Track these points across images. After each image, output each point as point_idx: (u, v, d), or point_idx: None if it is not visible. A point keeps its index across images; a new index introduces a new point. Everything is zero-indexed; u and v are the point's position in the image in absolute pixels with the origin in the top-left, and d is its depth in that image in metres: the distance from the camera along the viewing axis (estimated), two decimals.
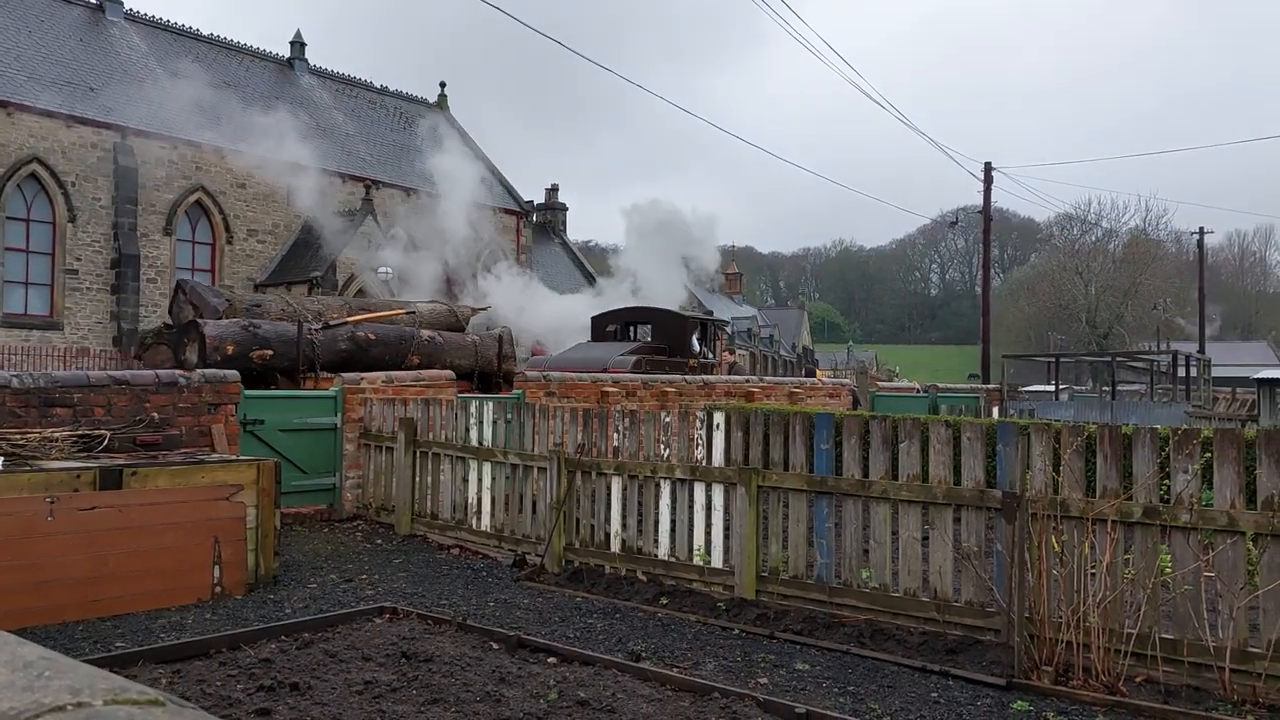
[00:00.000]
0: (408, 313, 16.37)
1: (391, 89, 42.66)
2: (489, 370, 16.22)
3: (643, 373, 17.69)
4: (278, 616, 6.94)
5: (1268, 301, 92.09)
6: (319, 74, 40.00)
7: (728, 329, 31.50)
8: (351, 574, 8.45)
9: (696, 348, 22.99)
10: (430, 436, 10.26)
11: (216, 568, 7.60)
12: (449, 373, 13.53)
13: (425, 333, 15.62)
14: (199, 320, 12.91)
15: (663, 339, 22.82)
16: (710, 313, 39.47)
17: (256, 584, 7.84)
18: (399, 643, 6.01)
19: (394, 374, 12.61)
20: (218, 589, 7.58)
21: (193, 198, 31.11)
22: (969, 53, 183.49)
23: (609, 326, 24.33)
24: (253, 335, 12.83)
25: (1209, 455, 5.68)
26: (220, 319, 13.23)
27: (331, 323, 14.16)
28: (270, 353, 12.86)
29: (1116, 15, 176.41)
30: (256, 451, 10.07)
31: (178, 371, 9.89)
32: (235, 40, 37.38)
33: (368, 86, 41.68)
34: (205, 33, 36.28)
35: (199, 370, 9.96)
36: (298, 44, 39.54)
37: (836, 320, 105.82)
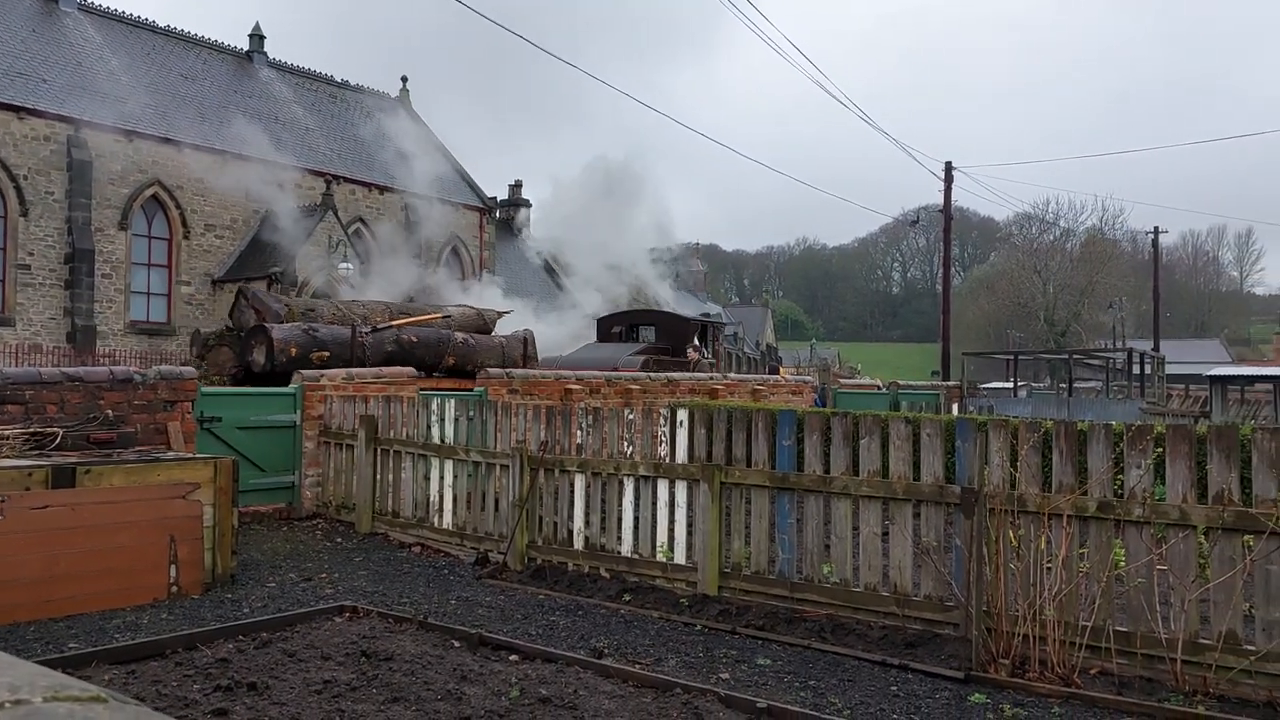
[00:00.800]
0: (444, 317, 17.46)
1: (353, 83, 42.22)
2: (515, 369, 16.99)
3: (650, 371, 18.73)
4: (235, 616, 6.86)
5: (1220, 300, 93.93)
6: (278, 67, 39.50)
7: (726, 330, 32.75)
8: (311, 573, 8.37)
9: (702, 346, 24.58)
10: (392, 434, 10.18)
11: (173, 567, 7.49)
12: (410, 370, 13.45)
13: (459, 335, 16.55)
14: (266, 325, 13.75)
15: (666, 339, 24.03)
16: (707, 314, 39.86)
17: (214, 583, 7.74)
18: (359, 641, 5.96)
19: (355, 370, 12.52)
20: (174, 588, 7.47)
21: (149, 192, 30.60)
22: (925, 55, 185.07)
23: (614, 328, 25.49)
24: (312, 338, 13.81)
25: (1162, 451, 5.78)
26: (281, 323, 14.17)
27: (379, 326, 15.18)
28: (327, 354, 13.76)
29: (1071, 18, 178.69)
30: (214, 449, 9.94)
31: (133, 369, 9.74)
32: (192, 32, 36.81)
33: (328, 80, 41.23)
34: (161, 24, 35.69)
35: (154, 367, 9.82)
36: (256, 36, 39.01)
37: (800, 318, 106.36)
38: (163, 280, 31.50)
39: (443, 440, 9.58)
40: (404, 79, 44.85)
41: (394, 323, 15.74)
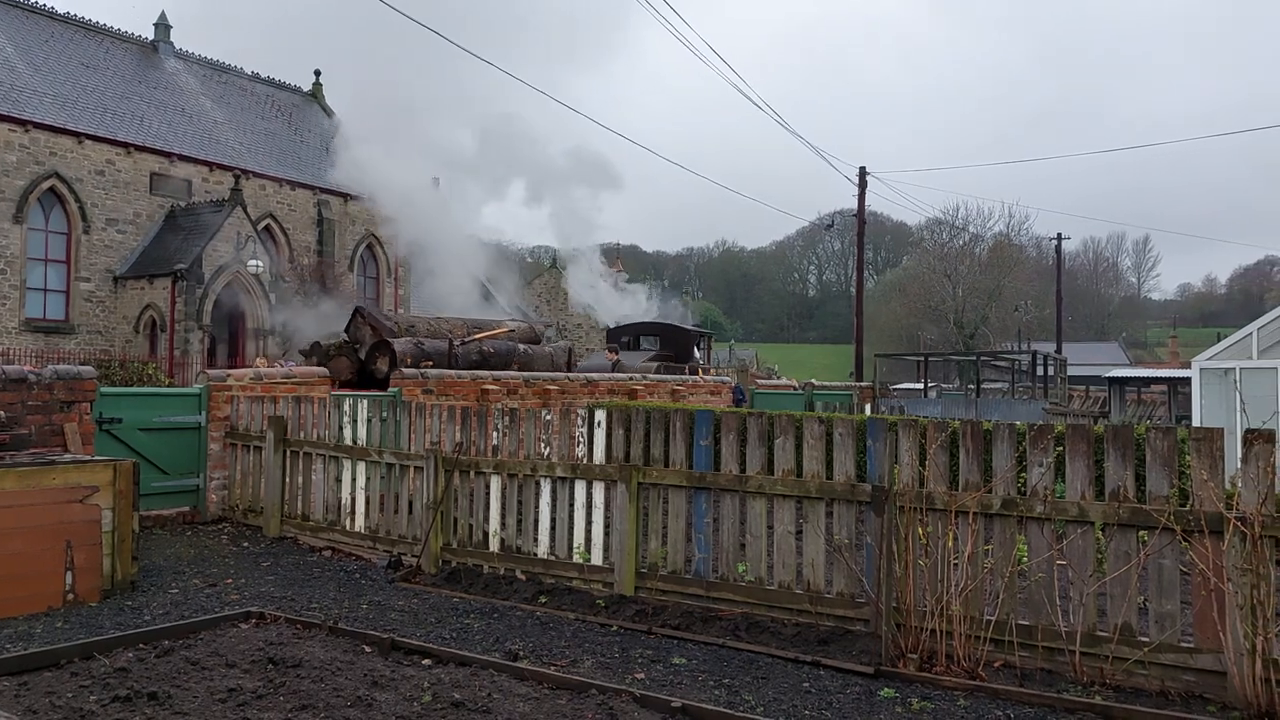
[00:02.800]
0: (509, 331, 20.22)
1: (264, 75, 41.18)
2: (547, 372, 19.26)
3: (661, 374, 21.91)
4: (136, 623, 6.62)
5: (1119, 304, 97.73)
6: (185, 58, 38.32)
7: (712, 337, 36.06)
8: (216, 578, 8.13)
9: (697, 354, 28.25)
10: (302, 435, 9.95)
11: (69, 573, 7.19)
12: (322, 370, 13.19)
13: (521, 346, 19.21)
14: (389, 340, 16.44)
15: (668, 348, 27.47)
16: (700, 325, 41.29)
17: (113, 590, 7.46)
18: (266, 648, 5.81)
19: (263, 370, 12.23)
20: (70, 596, 7.18)
21: (46, 184, 29.38)
22: (831, 65, 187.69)
23: (623, 337, 28.91)
24: (421, 350, 16.51)
25: (1062, 450, 5.98)
26: (395, 337, 16.83)
27: (466, 340, 18.14)
28: (430, 363, 16.09)
29: (964, 36, 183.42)
30: (114, 451, 9.59)
31: (26, 368, 9.33)
32: (94, 20, 35.47)
33: (238, 73, 40.14)
34: (61, 11, 34.31)
35: (50, 366, 9.43)
36: (162, 26, 37.79)
37: (719, 319, 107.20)
38: (61, 277, 30.24)
39: (355, 442, 9.40)
40: (317, 72, 43.98)
41: (477, 336, 18.81)
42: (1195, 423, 15.75)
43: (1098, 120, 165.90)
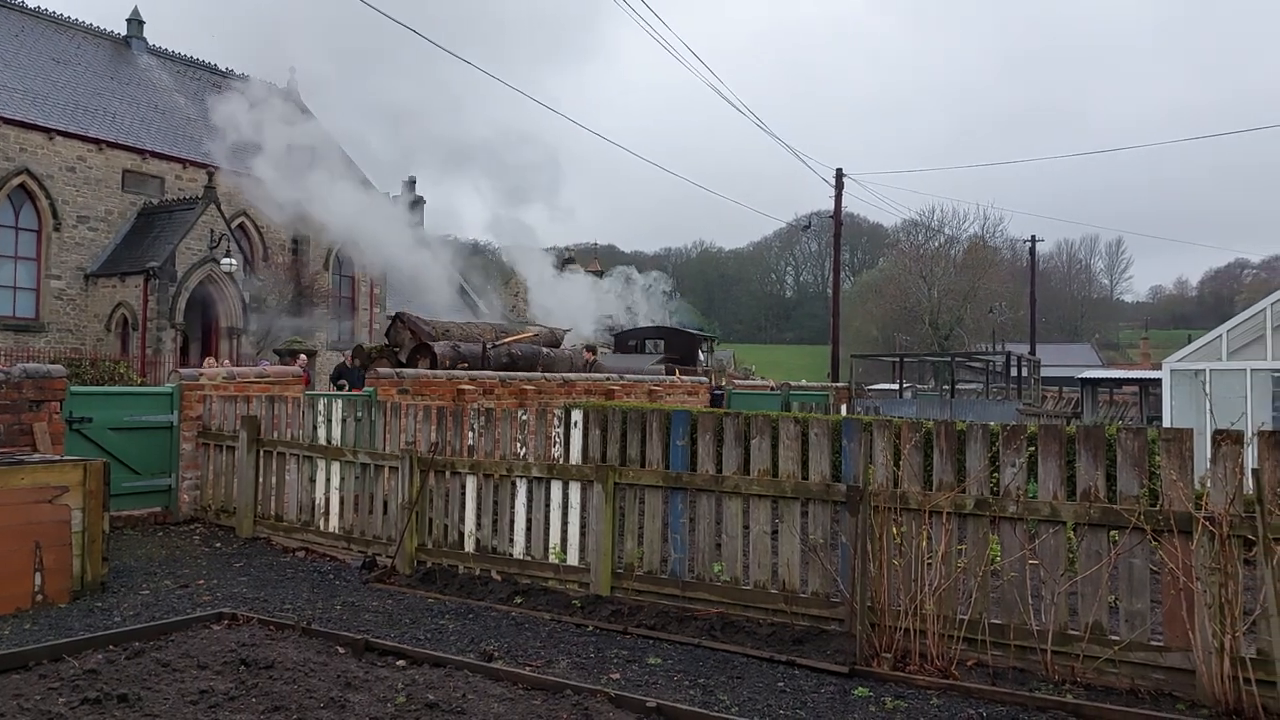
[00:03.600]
0: (534, 335, 21.76)
1: (238, 72, 40.80)
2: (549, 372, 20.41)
3: (669, 375, 23.25)
4: (106, 625, 6.55)
5: (1092, 306, 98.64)
6: (159, 54, 37.95)
7: (714, 340, 37.96)
8: (188, 579, 8.05)
9: (700, 356, 30.49)
10: (275, 435, 9.88)
11: (38, 575, 7.11)
12: (296, 369, 13.10)
13: (545, 349, 20.80)
14: (430, 343, 17.91)
15: (674, 350, 29.51)
16: (701, 329, 42.47)
17: (83, 591, 7.37)
18: (238, 649, 5.76)
19: (236, 370, 12.13)
20: (39, 597, 7.09)
21: (16, 181, 29.01)
22: (799, 68, 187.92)
23: (630, 341, 31.51)
24: (458, 353, 18.04)
25: (1034, 450, 6.03)
26: (434, 340, 18.21)
27: (497, 343, 19.55)
28: (466, 364, 17.38)
29: (929, 45, 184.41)
30: (84, 451, 9.49)
31: None
32: (66, 15, 35.05)
33: (212, 69, 39.79)
34: (31, 5, 33.88)
35: (19, 365, 9.31)
36: (135, 21, 37.40)
37: (697, 320, 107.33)
38: (31, 274, 29.88)
39: (329, 441, 9.34)
40: (292, 69, 43.60)
41: (506, 340, 20.19)
42: (1166, 423, 15.93)
43: (1071, 123, 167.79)
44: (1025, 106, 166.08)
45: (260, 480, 10.02)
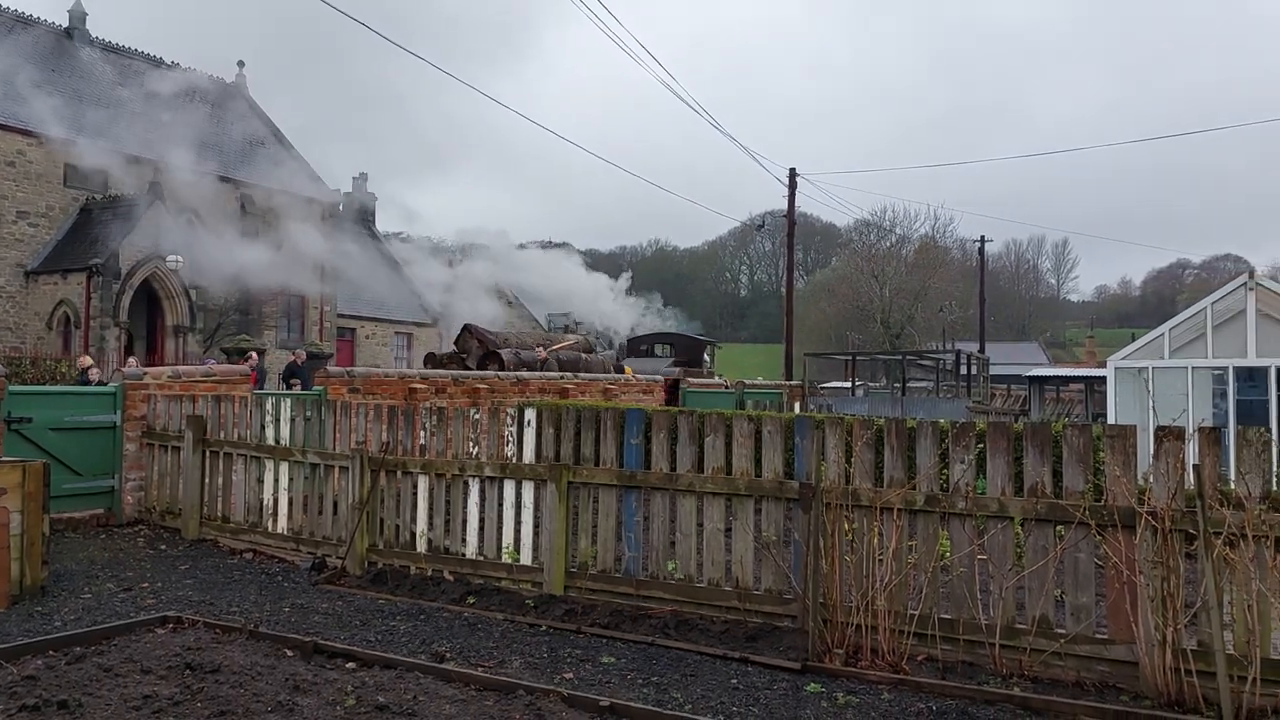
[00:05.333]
0: (574, 344, 24.22)
1: (185, 66, 40.01)
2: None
3: (678, 377, 25.44)
4: (45, 630, 6.38)
5: (1040, 305, 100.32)
6: (102, 46, 37.08)
7: (714, 346, 39.31)
8: (131, 582, 7.88)
9: (706, 359, 32.67)
10: (222, 435, 9.71)
11: None
12: (243, 368, 12.88)
13: (583, 355, 23.53)
14: (497, 350, 20.65)
15: (681, 354, 31.79)
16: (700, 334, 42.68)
17: (22, 595, 7.18)
18: (183, 653, 5.64)
19: (181, 369, 11.90)
20: None
21: None
22: (740, 71, 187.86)
23: (641, 345, 33.60)
24: (519, 359, 20.75)
25: (983, 447, 6.10)
26: (499, 348, 20.87)
27: (549, 350, 22.35)
28: (527, 368, 19.97)
29: (867, 49, 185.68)
30: (23, 452, 9.25)
31: None
32: (4, 4, 34.13)
33: (158, 62, 38.95)
34: None
35: None
36: (77, 13, 36.49)
37: (653, 318, 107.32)
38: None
39: (278, 441, 9.19)
40: (240, 63, 42.91)
41: (556, 347, 23.12)
42: (1110, 420, 16.25)
43: (1011, 122, 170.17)
44: (959, 107, 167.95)
45: (206, 481, 9.84)
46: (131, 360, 24.01)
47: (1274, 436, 5.63)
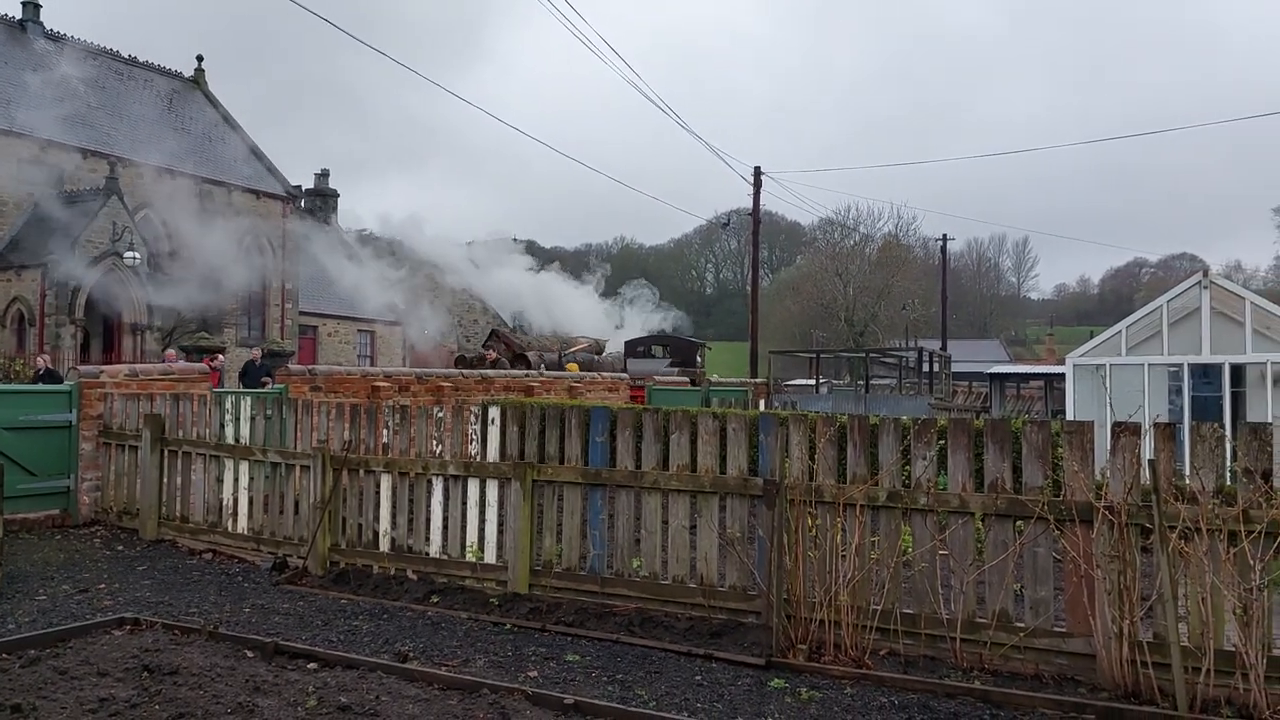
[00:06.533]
0: (587, 346, 27.11)
1: (142, 59, 39.38)
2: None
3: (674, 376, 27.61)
4: None
5: (1001, 304, 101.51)
6: (57, 39, 36.36)
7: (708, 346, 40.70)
8: (88, 584, 7.75)
9: (699, 360, 33.94)
10: (181, 434, 9.57)
11: None
12: (201, 366, 12.73)
13: (595, 356, 26.26)
14: (525, 353, 23.50)
15: (676, 355, 33.10)
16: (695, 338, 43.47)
17: None
18: (140, 655, 5.56)
19: (139, 367, 11.71)
20: None
21: None
22: (696, 70, 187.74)
23: (638, 347, 34.60)
24: (542, 359, 23.52)
25: (944, 443, 6.17)
26: (526, 351, 23.79)
27: (565, 353, 25.14)
28: (544, 367, 22.22)
29: (823, 48, 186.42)
30: None
31: None
32: None
33: (115, 56, 38.26)
34: None
35: None
36: (31, 4, 35.77)
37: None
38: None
39: (238, 440, 9.08)
40: (199, 58, 42.26)
41: (572, 349, 25.47)
42: (1069, 417, 16.48)
43: (963, 122, 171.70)
44: (913, 106, 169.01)
45: (165, 480, 9.70)
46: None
47: (1227, 432, 5.74)
